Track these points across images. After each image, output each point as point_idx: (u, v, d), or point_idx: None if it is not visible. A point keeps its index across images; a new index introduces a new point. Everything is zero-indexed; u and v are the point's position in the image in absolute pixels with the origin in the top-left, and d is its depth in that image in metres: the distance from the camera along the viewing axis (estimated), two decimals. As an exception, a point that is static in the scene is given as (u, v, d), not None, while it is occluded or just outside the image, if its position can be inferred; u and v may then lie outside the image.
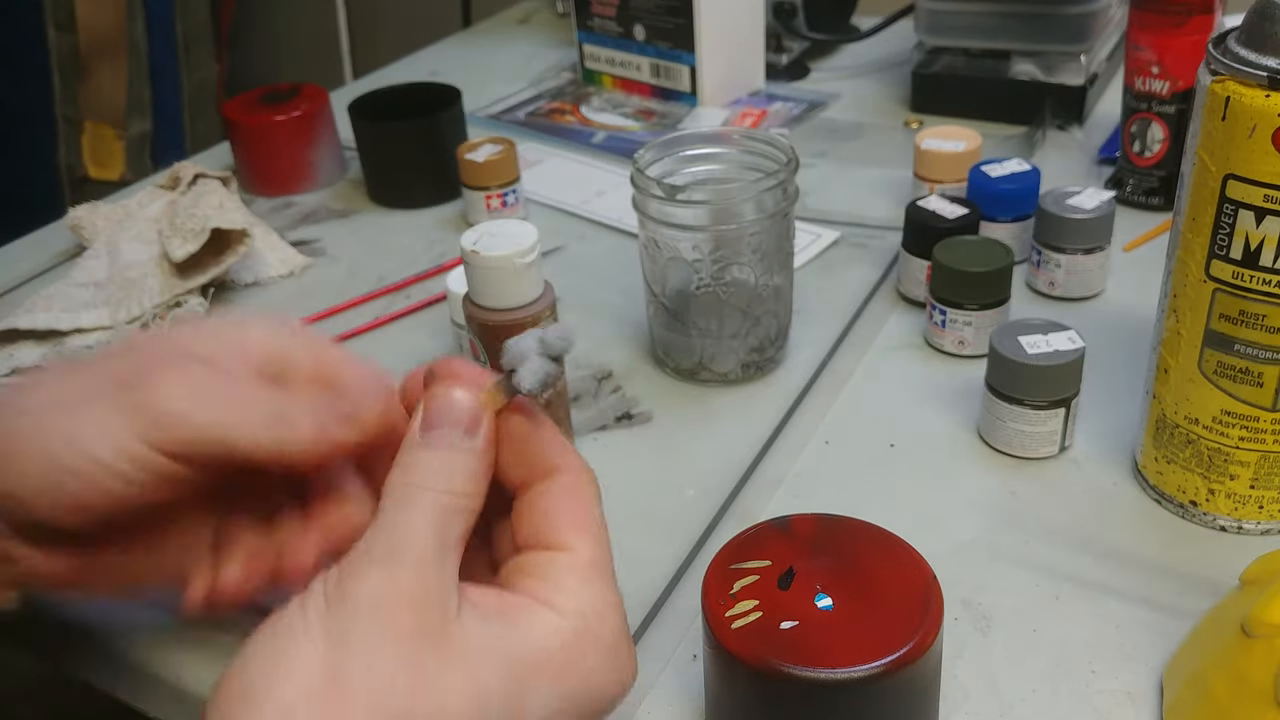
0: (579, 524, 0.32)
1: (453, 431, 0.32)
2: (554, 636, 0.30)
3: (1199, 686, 0.36)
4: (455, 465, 0.31)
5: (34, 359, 0.63)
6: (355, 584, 0.29)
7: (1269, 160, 0.38)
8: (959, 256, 0.56)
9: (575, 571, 0.31)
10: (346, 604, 0.29)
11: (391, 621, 0.28)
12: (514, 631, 0.30)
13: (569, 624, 0.30)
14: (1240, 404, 0.43)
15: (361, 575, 0.29)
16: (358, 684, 0.28)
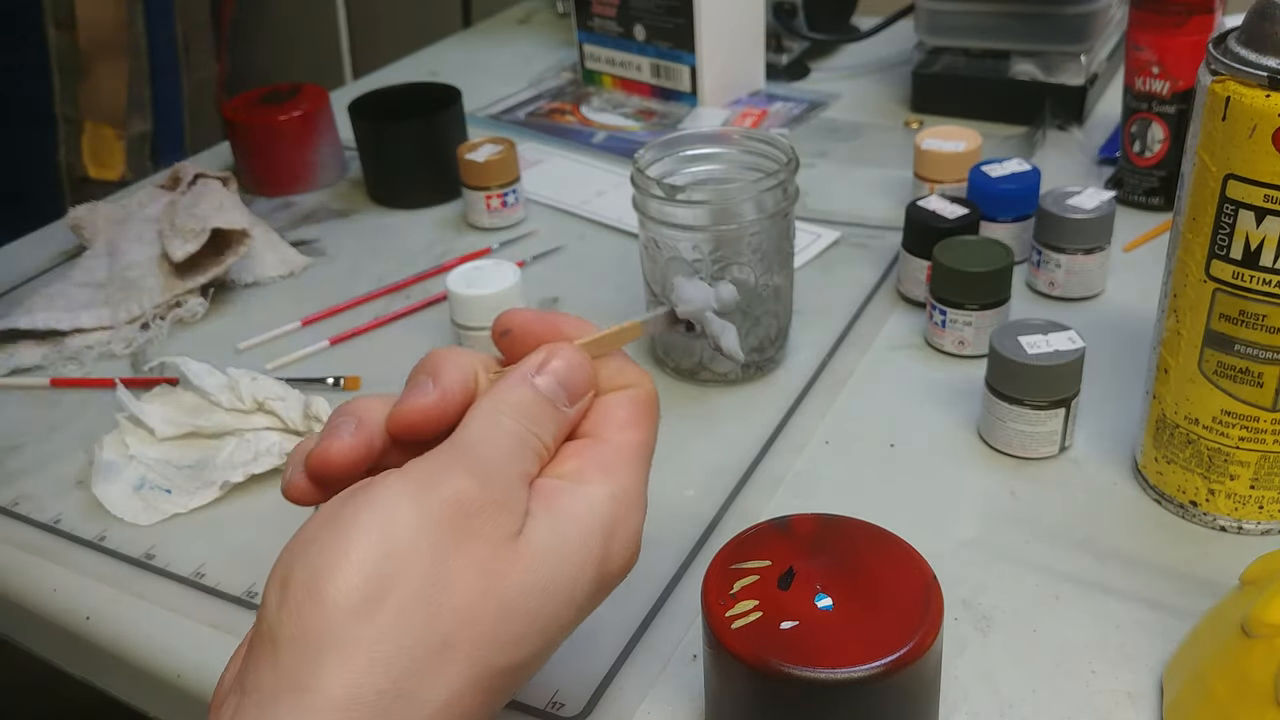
0: (626, 422, 0.34)
1: (561, 393, 0.34)
2: (595, 520, 0.32)
3: (1199, 686, 0.36)
4: (549, 419, 0.33)
5: (34, 359, 0.63)
6: (439, 485, 0.30)
7: (1269, 160, 0.38)
8: (959, 256, 0.56)
9: (609, 458, 0.33)
10: (427, 502, 0.30)
11: (469, 525, 0.30)
12: (565, 525, 0.32)
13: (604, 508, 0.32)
14: (1240, 404, 0.43)
15: (447, 478, 0.30)
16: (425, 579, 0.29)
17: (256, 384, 0.54)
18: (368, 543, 0.29)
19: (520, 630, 0.30)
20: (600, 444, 0.34)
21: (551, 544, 0.31)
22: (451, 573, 0.29)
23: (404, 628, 0.28)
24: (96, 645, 0.46)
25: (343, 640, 0.28)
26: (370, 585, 0.28)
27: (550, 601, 0.31)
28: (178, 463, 0.53)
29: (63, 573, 0.49)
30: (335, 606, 0.28)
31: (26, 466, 0.55)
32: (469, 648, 0.29)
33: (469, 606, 0.29)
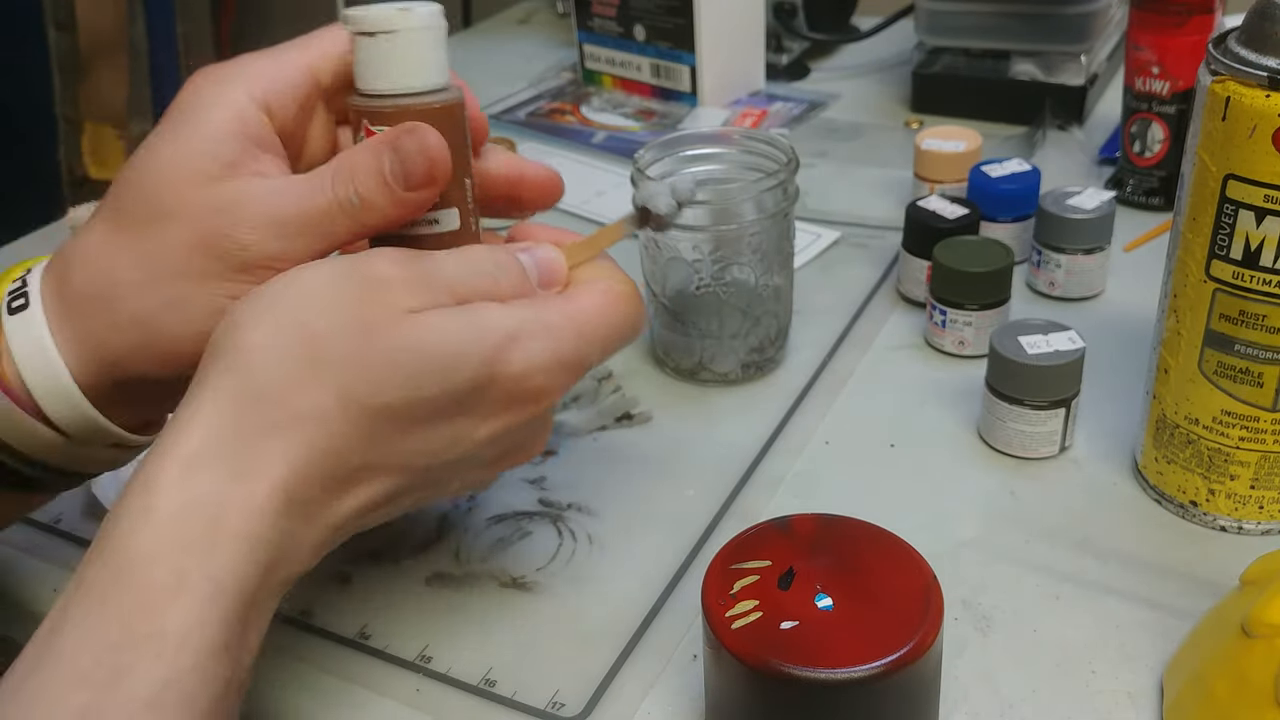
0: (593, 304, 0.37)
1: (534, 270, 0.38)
2: (503, 321, 0.35)
3: (1199, 687, 0.36)
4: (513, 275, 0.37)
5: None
6: (370, 263, 0.34)
7: (1269, 160, 0.38)
8: (959, 257, 0.56)
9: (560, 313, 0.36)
10: (346, 270, 0.34)
11: (375, 293, 0.34)
12: (467, 315, 0.35)
13: (518, 319, 0.35)
14: (1240, 404, 0.43)
15: (378, 260, 0.35)
16: (315, 326, 0.33)
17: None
18: (283, 288, 0.34)
19: (389, 380, 0.33)
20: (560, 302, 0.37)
21: (441, 319, 0.34)
22: (339, 317, 0.33)
23: (287, 347, 0.33)
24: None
25: (234, 349, 0.33)
26: (271, 313, 0.33)
27: (428, 370, 0.33)
28: (178, 463, 0.53)
29: (63, 573, 0.49)
30: (238, 326, 0.33)
31: (27, 466, 0.55)
32: (336, 377, 0.33)
33: (344, 343, 0.33)
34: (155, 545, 0.31)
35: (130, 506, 0.31)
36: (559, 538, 0.48)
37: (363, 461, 0.34)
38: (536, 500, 0.51)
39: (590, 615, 0.44)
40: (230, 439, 0.32)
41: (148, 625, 0.30)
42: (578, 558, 0.47)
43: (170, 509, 0.31)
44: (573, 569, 0.47)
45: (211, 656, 0.30)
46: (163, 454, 0.32)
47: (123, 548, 0.31)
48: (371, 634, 0.44)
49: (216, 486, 0.31)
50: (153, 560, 0.30)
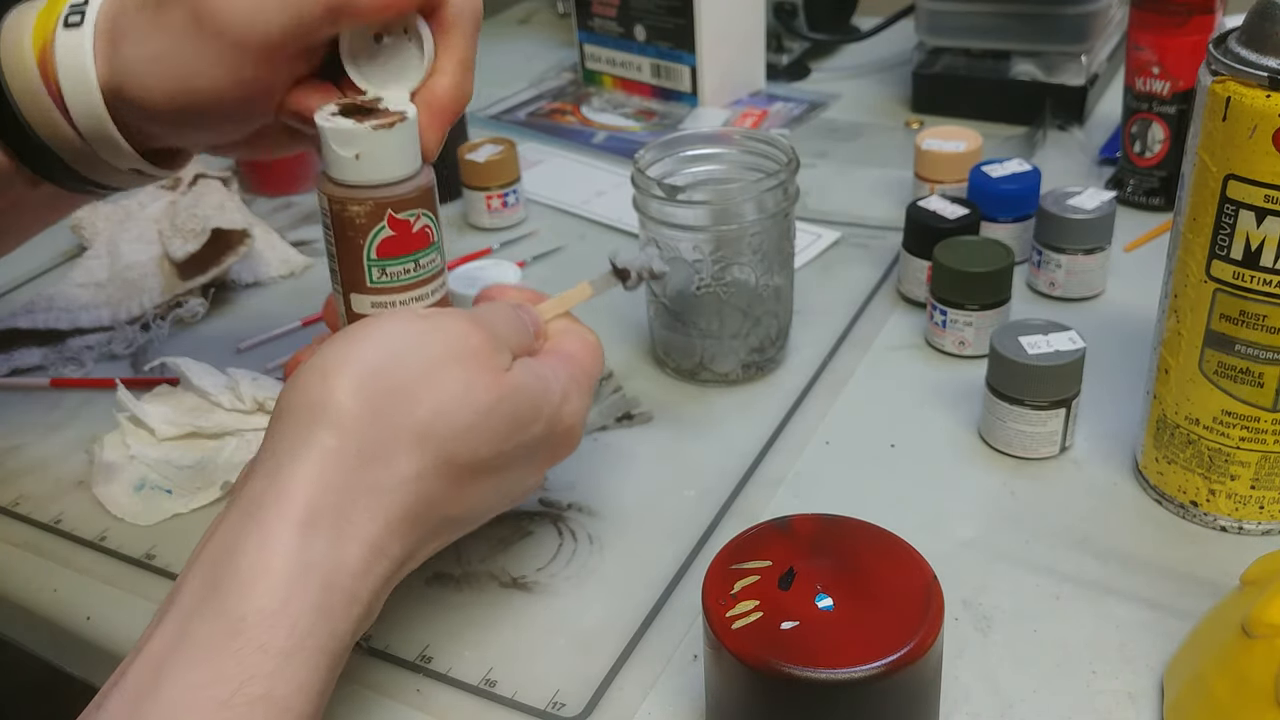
0: (578, 349, 0.43)
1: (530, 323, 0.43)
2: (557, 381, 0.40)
3: (1199, 687, 0.36)
4: (519, 333, 0.41)
5: (34, 359, 0.63)
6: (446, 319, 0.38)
7: (1269, 160, 0.38)
8: (960, 257, 0.56)
9: (570, 360, 0.42)
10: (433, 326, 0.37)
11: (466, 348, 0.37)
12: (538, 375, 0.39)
13: (565, 377, 0.41)
14: (1241, 404, 0.43)
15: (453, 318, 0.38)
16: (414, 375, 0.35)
17: (257, 384, 0.54)
18: (372, 345, 0.36)
19: (484, 439, 0.37)
20: (562, 353, 0.42)
21: (527, 382, 0.38)
22: (439, 379, 0.36)
23: (389, 409, 0.35)
24: (97, 645, 0.46)
25: (336, 409, 0.34)
26: (368, 373, 0.35)
27: (511, 424, 0.38)
28: (178, 463, 0.53)
29: (63, 573, 0.49)
30: (334, 385, 0.34)
31: (27, 466, 0.55)
32: (439, 439, 0.35)
33: (447, 404, 0.36)
34: (273, 606, 0.31)
35: (240, 566, 0.32)
36: (559, 538, 0.48)
37: (445, 514, 0.37)
38: (537, 500, 0.51)
39: (591, 615, 0.44)
40: (336, 502, 0.33)
41: (259, 687, 0.30)
42: (578, 558, 0.47)
43: (287, 571, 0.32)
44: (573, 569, 0.47)
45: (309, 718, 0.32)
46: (273, 513, 0.33)
47: (237, 607, 0.31)
48: (372, 634, 0.44)
49: (327, 551, 0.33)
50: (272, 623, 0.31)
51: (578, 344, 0.43)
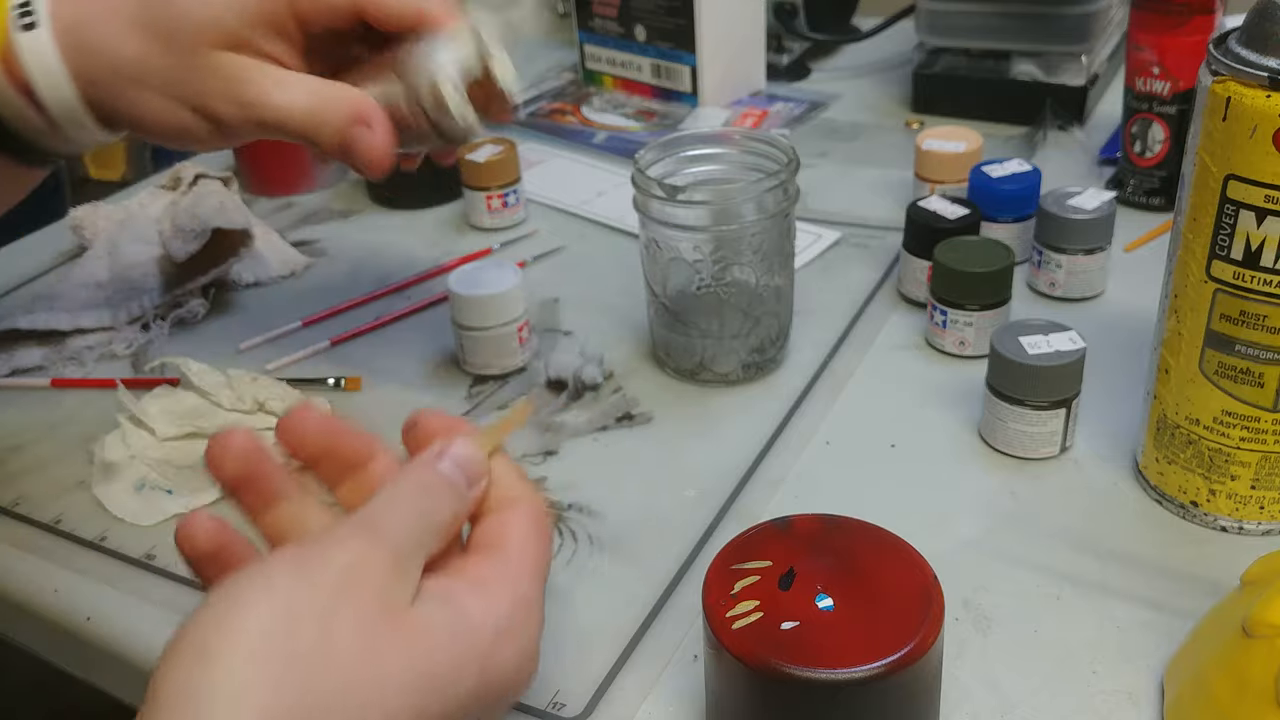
0: (526, 537, 0.35)
1: (459, 474, 0.35)
2: (488, 616, 0.32)
3: (1200, 687, 0.36)
4: (448, 498, 0.34)
5: (35, 359, 0.63)
6: (331, 551, 0.31)
7: (1270, 161, 0.38)
8: (960, 257, 0.56)
9: (514, 568, 0.34)
10: (318, 567, 0.30)
11: (360, 590, 0.30)
12: (459, 616, 0.32)
13: (501, 608, 0.33)
14: (1241, 404, 0.43)
15: (340, 545, 0.31)
16: (310, 643, 0.29)
17: (257, 384, 0.54)
18: (257, 609, 0.29)
19: (397, 704, 0.30)
20: (504, 554, 0.34)
21: (438, 626, 0.31)
22: (335, 639, 0.29)
23: (286, 687, 0.28)
24: (97, 645, 0.46)
25: (226, 695, 0.27)
26: (255, 648, 0.28)
27: (427, 684, 0.30)
28: (179, 463, 0.53)
29: (64, 573, 0.49)
30: (221, 666, 0.28)
31: (27, 467, 0.56)
32: (343, 714, 0.29)
33: (349, 676, 0.29)
34: None
35: None
36: (560, 538, 0.48)
37: None
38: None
39: (591, 615, 0.45)
40: None
41: None
42: (579, 558, 0.47)
43: None
44: (574, 569, 0.47)
45: None
46: None
47: None
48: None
49: None
50: None
51: (520, 530, 0.35)
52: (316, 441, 0.36)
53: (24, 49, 0.41)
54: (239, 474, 0.35)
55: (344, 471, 0.37)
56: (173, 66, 0.43)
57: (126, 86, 0.44)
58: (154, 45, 0.43)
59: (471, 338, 0.58)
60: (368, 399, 0.59)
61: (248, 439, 0.35)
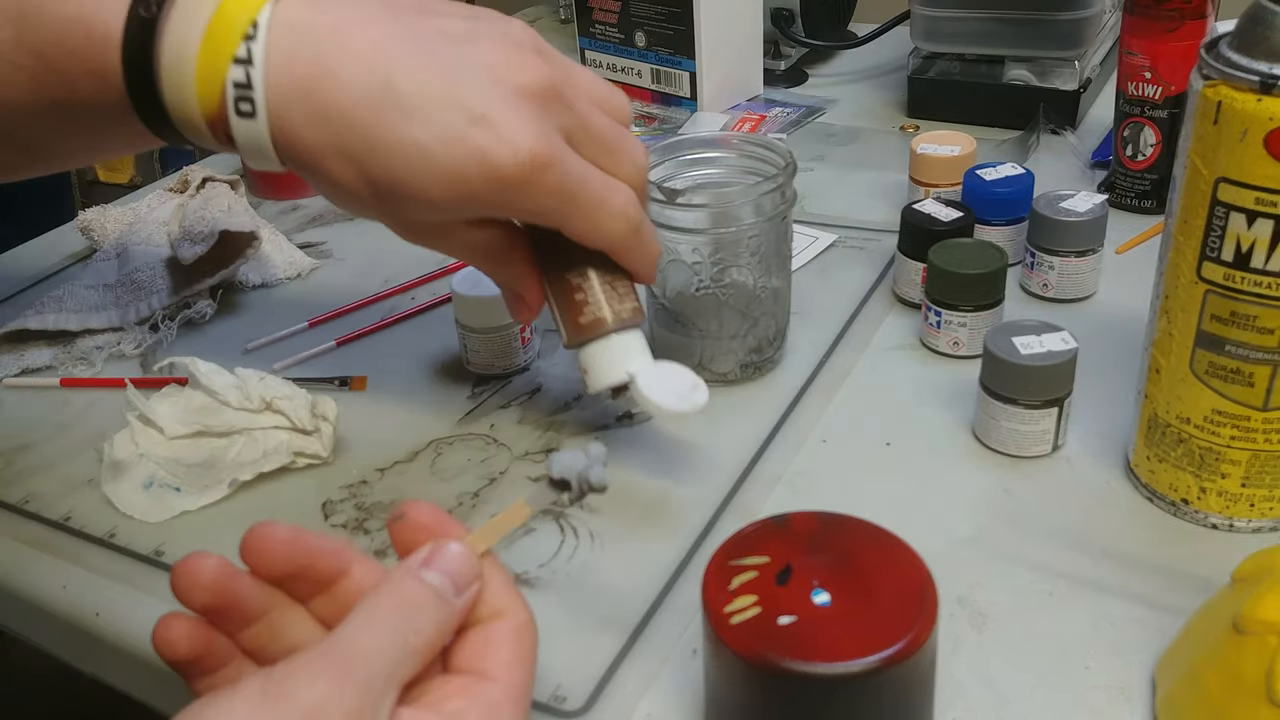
0: (511, 660, 0.33)
1: (447, 583, 0.33)
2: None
3: (1191, 682, 0.36)
4: (432, 612, 0.32)
5: (44, 359, 0.63)
6: (297, 689, 0.29)
7: (1261, 164, 0.38)
8: (954, 259, 0.57)
9: (495, 698, 0.32)
10: (281, 708, 0.29)
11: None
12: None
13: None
14: (1231, 404, 0.43)
15: (306, 683, 0.29)
16: None
17: (264, 384, 0.54)
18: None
19: None
20: (486, 682, 0.33)
21: None
22: None
23: None
24: (106, 641, 0.47)
25: None
26: None
27: None
28: (187, 461, 0.53)
29: (73, 570, 0.49)
30: None
31: (37, 465, 0.56)
32: None
33: None
34: None
35: None
36: (561, 534, 0.49)
37: None
38: (539, 499, 0.51)
39: (592, 610, 0.45)
40: None
41: None
42: (580, 554, 0.48)
43: None
44: (575, 565, 0.47)
45: None
46: None
47: None
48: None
49: None
50: None
51: (504, 653, 0.33)
52: (284, 562, 0.34)
53: (237, 129, 0.40)
54: (210, 604, 0.33)
55: (317, 588, 0.35)
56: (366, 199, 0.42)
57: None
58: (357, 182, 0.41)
59: (475, 338, 0.59)
60: (372, 398, 0.59)
61: (216, 566, 0.33)
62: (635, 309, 0.48)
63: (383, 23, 0.41)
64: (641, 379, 0.47)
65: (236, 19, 0.39)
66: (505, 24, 0.43)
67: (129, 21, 0.39)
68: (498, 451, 0.55)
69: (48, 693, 1.13)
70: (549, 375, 0.60)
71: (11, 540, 0.51)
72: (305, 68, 0.39)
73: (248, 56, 0.39)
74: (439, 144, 0.40)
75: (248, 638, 0.34)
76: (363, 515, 0.51)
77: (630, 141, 0.46)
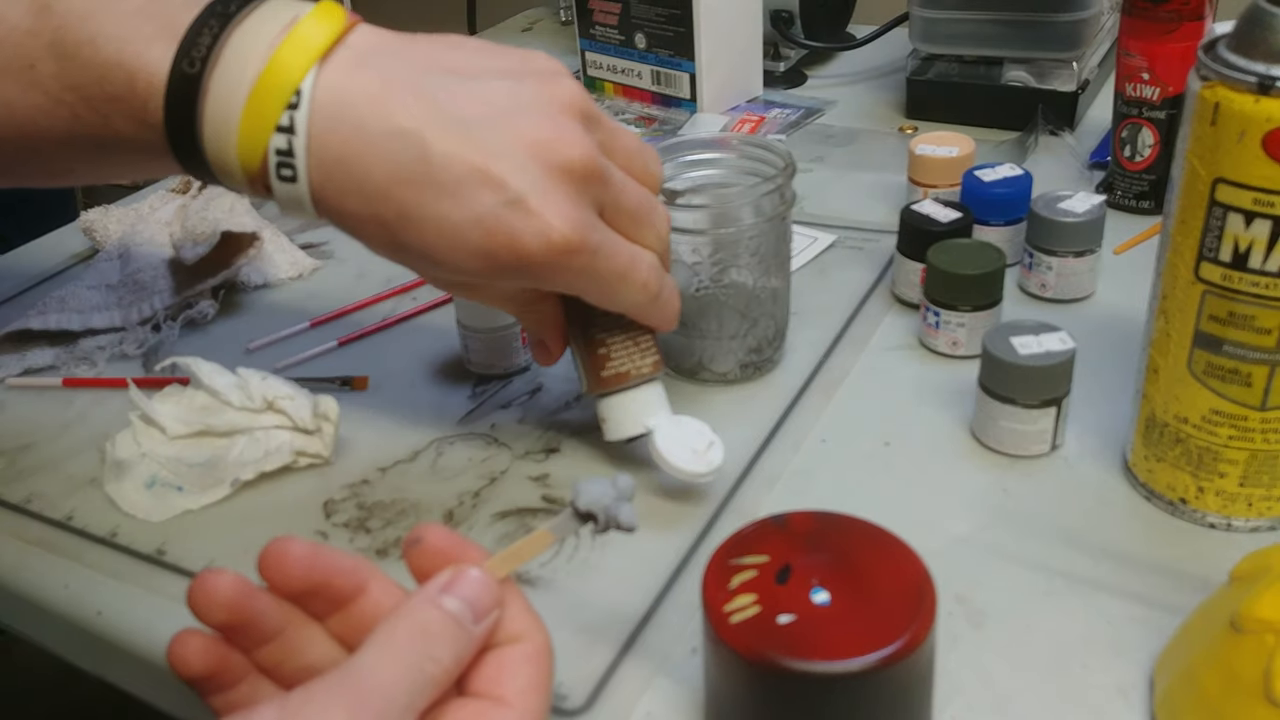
0: (527, 686, 0.33)
1: (466, 610, 0.33)
2: None
3: (1189, 681, 0.36)
4: (450, 640, 0.32)
5: (47, 359, 0.63)
6: (312, 717, 0.29)
7: (1258, 164, 0.39)
8: (952, 259, 0.57)
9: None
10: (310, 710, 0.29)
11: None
12: None
13: None
14: (1229, 403, 0.43)
15: (323, 712, 0.29)
16: None
17: (266, 383, 0.55)
18: None
19: None
20: (502, 709, 0.32)
21: None
22: None
23: None
24: (108, 640, 0.47)
25: None
26: None
27: None
28: (189, 460, 0.53)
29: (75, 569, 0.50)
30: None
31: (39, 464, 0.56)
32: None
33: None
34: None
35: None
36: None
37: None
38: (540, 497, 0.51)
39: (592, 609, 0.45)
40: None
41: None
42: (580, 553, 0.48)
43: None
44: (575, 564, 0.47)
45: None
46: None
47: None
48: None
49: None
50: None
51: (520, 679, 0.33)
52: (301, 580, 0.34)
53: (277, 189, 0.41)
54: (227, 622, 0.33)
55: (334, 606, 0.35)
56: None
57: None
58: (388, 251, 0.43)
59: (476, 338, 0.59)
60: (374, 398, 0.60)
61: (233, 583, 0.33)
62: (656, 363, 0.50)
63: (425, 91, 0.40)
64: (659, 436, 0.49)
65: (281, 85, 0.39)
66: (552, 84, 0.42)
67: (173, 75, 0.39)
68: (498, 451, 0.55)
69: (50, 692, 1.13)
70: (549, 375, 0.60)
71: (14, 539, 0.52)
72: (344, 143, 0.40)
73: (290, 125, 0.39)
74: (472, 223, 0.40)
75: (263, 655, 0.34)
76: (364, 514, 0.51)
77: (657, 212, 0.46)
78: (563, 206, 0.41)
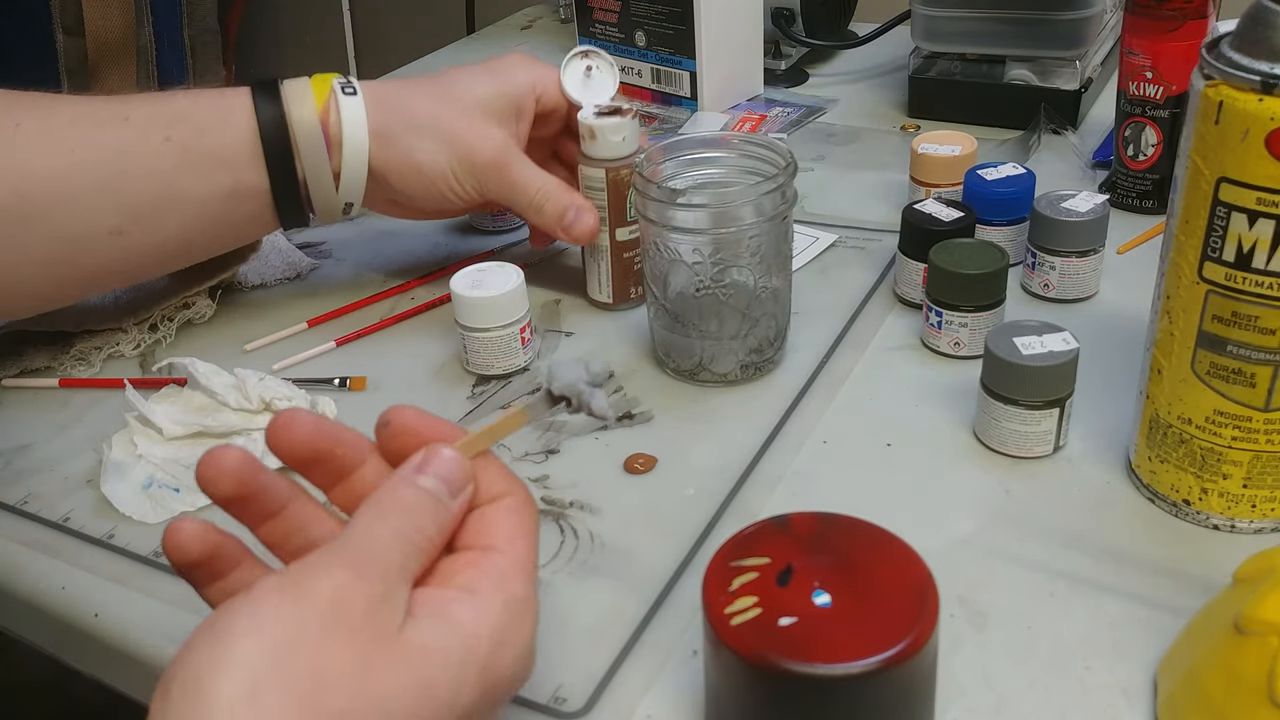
0: (514, 533, 0.35)
1: (441, 487, 0.35)
2: (482, 624, 0.32)
3: (1192, 683, 0.36)
4: (430, 513, 0.34)
5: (43, 360, 0.63)
6: (316, 581, 0.31)
7: (1262, 164, 0.39)
8: (955, 259, 0.57)
9: (502, 569, 0.34)
10: (304, 599, 0.30)
11: (348, 619, 0.30)
12: (452, 630, 0.32)
13: (494, 614, 0.33)
14: (1233, 404, 0.43)
15: (324, 574, 0.31)
16: (304, 674, 0.29)
17: (263, 384, 0.55)
18: (247, 643, 0.29)
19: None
20: (492, 554, 0.34)
21: (433, 643, 0.31)
22: (329, 669, 0.29)
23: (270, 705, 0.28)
24: (105, 642, 0.47)
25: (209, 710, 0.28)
26: (250, 683, 0.28)
27: (429, 702, 0.30)
28: (186, 461, 0.53)
29: (71, 570, 0.49)
30: (216, 704, 0.28)
31: (36, 465, 0.56)
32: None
33: (347, 702, 0.29)
34: None
35: None
36: (561, 535, 0.49)
37: None
38: (540, 498, 0.51)
39: (592, 611, 0.45)
40: None
41: None
42: (580, 555, 0.48)
43: None
44: (575, 565, 0.47)
45: None
46: None
47: None
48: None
49: None
50: None
51: (507, 527, 0.35)
52: (307, 447, 0.36)
53: (342, 105, 0.57)
54: (234, 493, 0.35)
55: (336, 476, 0.37)
56: (454, 119, 0.59)
57: (413, 135, 0.59)
58: (441, 106, 0.60)
59: (474, 338, 0.59)
60: (372, 398, 0.59)
61: (240, 456, 0.35)
62: None
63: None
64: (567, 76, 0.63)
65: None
66: None
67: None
68: (497, 451, 0.54)
69: (46, 693, 1.13)
70: (549, 376, 0.60)
71: (10, 541, 0.51)
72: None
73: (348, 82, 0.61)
74: None
75: (268, 530, 0.36)
76: (362, 516, 0.51)
77: None
78: None
